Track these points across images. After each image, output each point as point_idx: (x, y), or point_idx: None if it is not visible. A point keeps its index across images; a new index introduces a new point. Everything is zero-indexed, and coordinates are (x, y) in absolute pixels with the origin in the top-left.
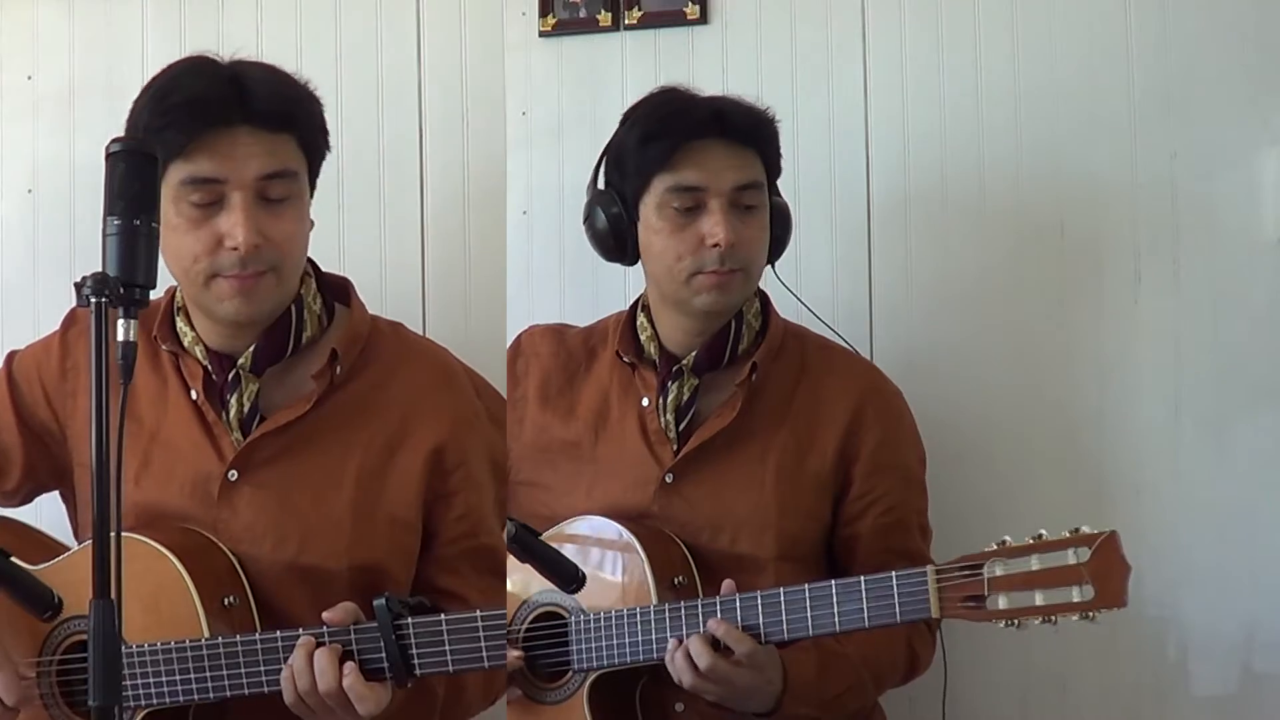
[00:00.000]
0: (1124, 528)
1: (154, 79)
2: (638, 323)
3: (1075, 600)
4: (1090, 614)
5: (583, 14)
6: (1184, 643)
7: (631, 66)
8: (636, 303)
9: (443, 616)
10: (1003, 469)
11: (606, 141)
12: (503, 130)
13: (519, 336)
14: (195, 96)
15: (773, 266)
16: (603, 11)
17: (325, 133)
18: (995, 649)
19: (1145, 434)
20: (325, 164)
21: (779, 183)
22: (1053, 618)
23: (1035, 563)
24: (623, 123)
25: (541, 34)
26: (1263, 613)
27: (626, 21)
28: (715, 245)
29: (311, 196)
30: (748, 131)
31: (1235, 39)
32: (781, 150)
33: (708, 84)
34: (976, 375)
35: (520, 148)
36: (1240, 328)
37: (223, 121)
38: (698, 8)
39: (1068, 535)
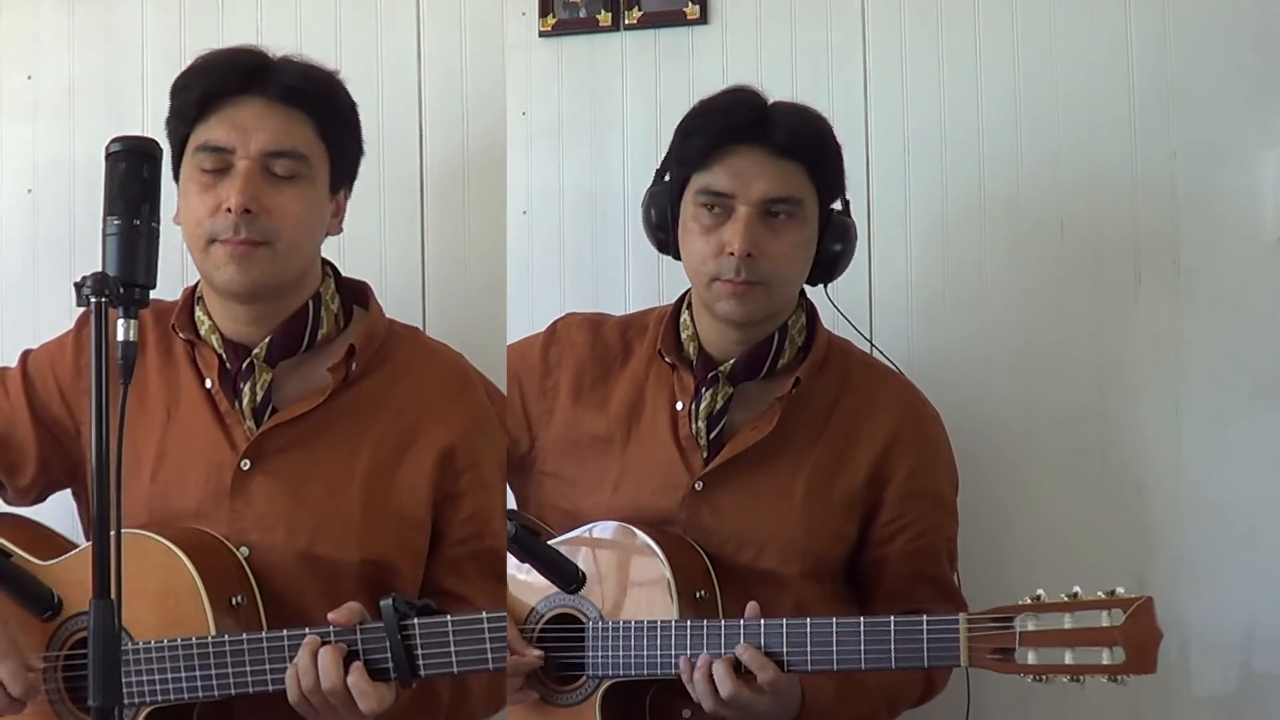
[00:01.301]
0: (1125, 527)
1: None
2: (681, 320)
3: (1105, 662)
4: (1119, 678)
5: (583, 14)
6: (1184, 643)
7: (631, 66)
8: (683, 299)
9: (449, 618)
10: (1003, 469)
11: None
12: (503, 130)
13: (554, 323)
14: (217, 64)
15: (825, 288)
16: (603, 11)
17: (352, 126)
18: None
19: (1145, 434)
20: None
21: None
22: (1080, 678)
23: (1068, 621)
24: (688, 117)
25: (541, 34)
26: (1263, 613)
27: (626, 21)
28: (732, 254)
29: (338, 194)
30: (789, 144)
31: (1235, 39)
32: (841, 165)
33: (708, 84)
34: (976, 375)
35: (520, 148)
36: (1240, 328)
37: (238, 90)
38: (698, 8)
39: (1103, 596)
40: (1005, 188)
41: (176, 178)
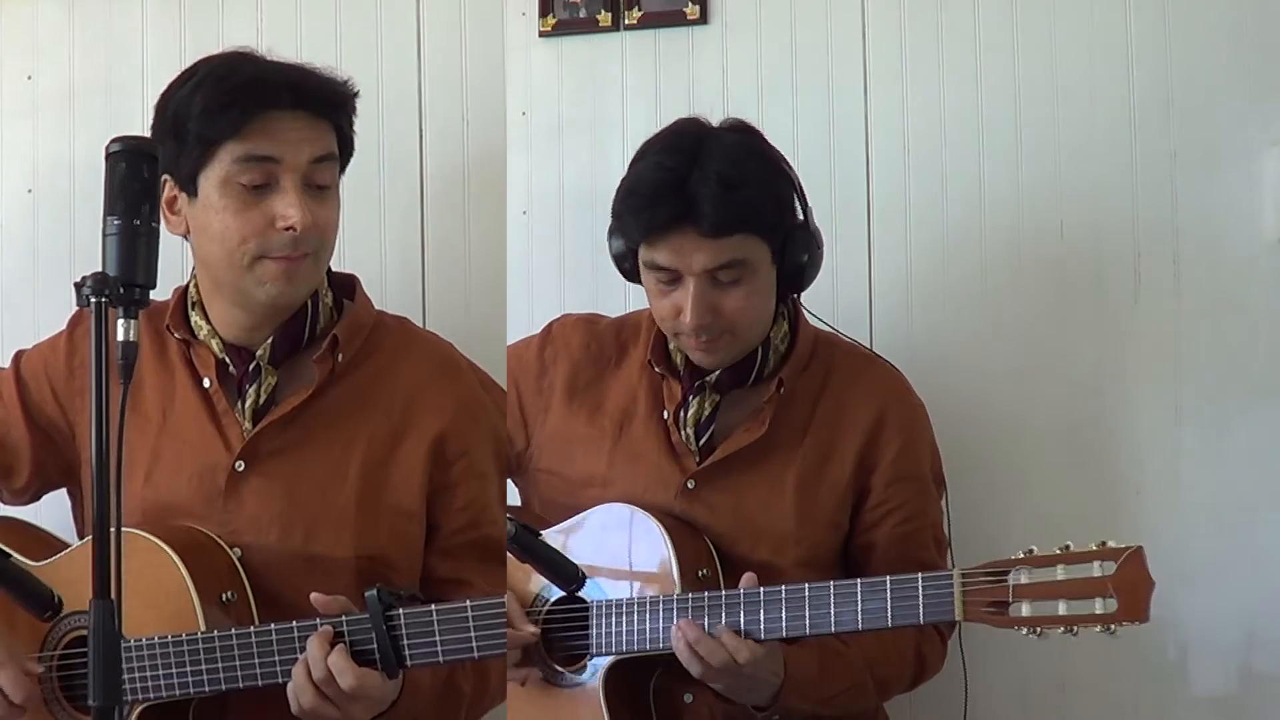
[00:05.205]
0: (1124, 527)
1: (197, 69)
2: None
3: (1098, 612)
4: (1111, 626)
5: (583, 14)
6: (1184, 643)
7: (631, 67)
8: None
9: (433, 607)
10: (1003, 469)
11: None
12: (503, 130)
13: (550, 324)
14: (255, 79)
15: (798, 296)
16: (603, 11)
17: (351, 126)
18: (995, 648)
19: (1145, 434)
20: None
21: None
22: (1074, 628)
23: (1060, 573)
24: (635, 160)
25: (541, 34)
26: (1263, 613)
27: (626, 21)
28: (689, 322)
29: None
30: (720, 224)
31: (1235, 39)
32: (787, 197)
33: (708, 84)
34: (976, 376)
35: (520, 148)
36: (1240, 328)
37: (281, 104)
38: (698, 8)
39: (1094, 548)
40: (1005, 188)
41: (189, 190)
